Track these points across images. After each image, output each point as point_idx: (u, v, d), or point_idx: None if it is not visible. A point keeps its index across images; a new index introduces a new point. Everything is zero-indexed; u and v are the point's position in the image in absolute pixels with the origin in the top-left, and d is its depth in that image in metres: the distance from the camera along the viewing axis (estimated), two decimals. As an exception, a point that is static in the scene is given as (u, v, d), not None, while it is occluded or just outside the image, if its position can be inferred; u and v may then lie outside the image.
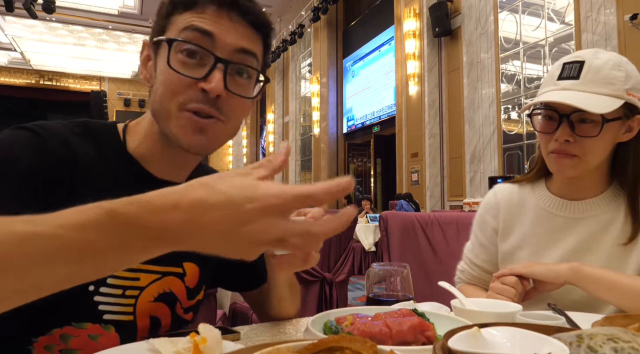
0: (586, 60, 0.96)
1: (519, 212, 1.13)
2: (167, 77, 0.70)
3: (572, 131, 0.96)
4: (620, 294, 0.86)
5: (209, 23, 0.70)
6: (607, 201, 1.04)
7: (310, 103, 12.75)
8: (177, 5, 0.72)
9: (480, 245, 1.19)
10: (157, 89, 0.72)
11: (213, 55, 0.69)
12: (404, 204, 6.70)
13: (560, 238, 1.06)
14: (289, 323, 0.91)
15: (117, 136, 0.79)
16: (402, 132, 8.51)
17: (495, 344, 0.53)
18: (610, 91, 0.93)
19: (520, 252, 1.09)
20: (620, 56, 0.99)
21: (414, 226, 1.79)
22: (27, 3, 9.54)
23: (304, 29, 11.91)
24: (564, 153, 0.98)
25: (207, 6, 0.70)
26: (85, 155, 0.72)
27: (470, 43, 7.26)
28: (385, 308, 0.75)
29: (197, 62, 0.70)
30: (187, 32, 0.69)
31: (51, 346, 0.70)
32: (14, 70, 17.04)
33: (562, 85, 0.97)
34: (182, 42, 0.69)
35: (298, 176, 13.88)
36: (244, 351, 0.46)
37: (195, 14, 0.70)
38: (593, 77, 0.94)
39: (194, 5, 0.70)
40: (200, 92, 0.69)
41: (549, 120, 1.00)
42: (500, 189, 1.20)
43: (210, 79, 0.69)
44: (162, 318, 0.81)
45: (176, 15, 0.72)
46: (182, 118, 0.70)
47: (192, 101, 0.70)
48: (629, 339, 0.47)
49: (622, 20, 4.96)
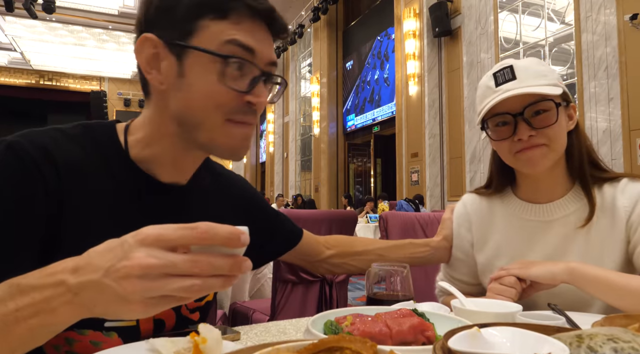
0: (513, 64, 1.01)
1: (491, 222, 1.14)
2: (211, 90, 0.69)
3: (530, 126, 0.98)
4: (618, 294, 0.86)
5: (248, 36, 0.69)
6: (573, 200, 1.06)
7: (310, 103, 12.76)
8: (205, 9, 0.68)
9: (456, 259, 1.20)
10: (190, 96, 0.70)
11: (257, 68, 0.71)
12: (403, 204, 6.70)
13: (535, 242, 1.07)
14: (289, 323, 0.91)
15: (116, 137, 0.77)
16: (402, 132, 8.51)
17: (495, 344, 0.53)
18: (547, 81, 0.99)
19: (498, 261, 1.10)
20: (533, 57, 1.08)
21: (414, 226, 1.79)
22: (27, 3, 9.54)
23: (304, 29, 11.92)
24: (532, 146, 0.99)
25: (243, 17, 0.69)
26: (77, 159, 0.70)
27: (470, 43, 7.26)
28: (385, 308, 0.75)
29: (239, 73, 0.70)
30: (230, 47, 0.68)
31: (58, 346, 0.70)
32: (14, 70, 17.05)
33: (504, 88, 1.00)
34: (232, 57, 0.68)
35: (298, 176, 13.88)
36: (244, 351, 0.46)
37: (231, 25, 0.69)
38: (527, 74, 0.99)
39: (228, 14, 0.68)
40: (245, 104, 0.71)
41: (504, 125, 1.02)
42: (469, 200, 1.21)
43: (258, 93, 0.71)
44: (167, 320, 0.79)
45: (206, 21, 0.68)
46: (228, 128, 0.71)
47: (237, 112, 0.71)
48: (629, 339, 0.47)
49: (622, 20, 4.96)
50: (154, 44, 0.70)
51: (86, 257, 0.47)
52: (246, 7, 0.69)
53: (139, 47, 0.70)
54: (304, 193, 12.94)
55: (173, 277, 0.44)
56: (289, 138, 14.49)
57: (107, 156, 0.74)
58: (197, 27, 0.68)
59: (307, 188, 13.09)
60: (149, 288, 0.43)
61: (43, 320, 0.47)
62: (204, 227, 0.44)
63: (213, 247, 0.44)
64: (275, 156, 15.58)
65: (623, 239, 1.00)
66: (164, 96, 0.71)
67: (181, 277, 0.44)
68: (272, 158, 15.79)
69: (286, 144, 14.72)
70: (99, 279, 0.44)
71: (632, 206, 1.00)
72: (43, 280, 0.47)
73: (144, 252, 0.43)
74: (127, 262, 0.43)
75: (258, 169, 18.65)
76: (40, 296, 0.46)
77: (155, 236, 0.44)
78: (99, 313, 0.46)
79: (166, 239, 0.44)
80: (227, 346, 0.59)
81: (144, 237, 0.44)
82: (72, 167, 0.69)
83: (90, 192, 0.70)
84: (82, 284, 0.45)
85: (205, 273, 0.44)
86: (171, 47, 0.69)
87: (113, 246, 0.46)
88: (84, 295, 0.45)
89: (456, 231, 1.21)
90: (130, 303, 0.44)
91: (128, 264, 0.43)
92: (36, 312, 0.46)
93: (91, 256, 0.46)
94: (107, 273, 0.44)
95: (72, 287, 0.45)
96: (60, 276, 0.46)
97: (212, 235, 0.44)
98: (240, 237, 0.44)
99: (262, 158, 17.89)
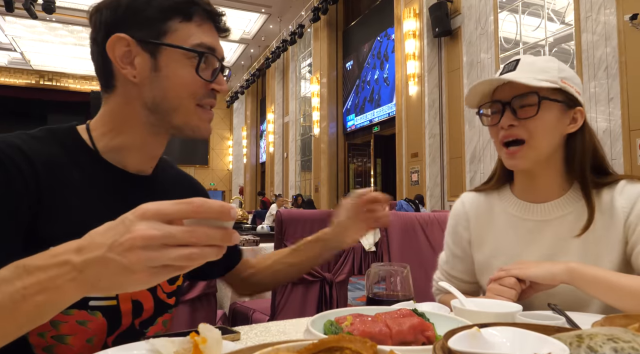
0: (522, 58, 1.05)
1: (489, 221, 1.15)
2: (185, 80, 0.81)
3: (514, 116, 1.02)
4: (617, 294, 0.87)
5: (208, 36, 0.83)
6: (570, 201, 1.06)
7: (310, 103, 12.76)
8: (173, 12, 0.80)
9: (455, 256, 1.21)
10: (166, 86, 0.81)
11: (219, 62, 0.85)
12: (403, 204, 6.70)
13: (532, 242, 1.07)
14: (289, 323, 0.91)
15: (79, 136, 0.84)
16: (402, 132, 8.51)
17: (495, 344, 0.53)
18: (545, 76, 1.00)
19: (495, 261, 1.10)
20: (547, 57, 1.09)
21: (414, 226, 1.79)
22: (27, 3, 9.54)
23: (304, 29, 11.91)
24: (511, 136, 1.03)
25: (203, 19, 0.83)
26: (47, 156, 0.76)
27: (470, 43, 7.26)
28: (385, 308, 0.75)
29: (206, 66, 0.83)
30: (202, 48, 0.82)
31: (43, 332, 0.74)
32: (14, 70, 17.06)
33: (499, 77, 1.04)
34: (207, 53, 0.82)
35: (298, 176, 13.88)
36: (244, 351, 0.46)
37: (196, 27, 0.82)
38: (529, 68, 1.02)
39: (192, 17, 0.82)
40: (210, 91, 0.84)
41: (495, 113, 1.07)
42: (467, 198, 1.21)
43: (220, 81, 0.86)
44: (144, 302, 0.85)
45: (175, 23, 0.80)
46: (199, 112, 0.84)
47: (205, 98, 0.84)
48: (629, 339, 0.47)
49: (622, 20, 4.96)
50: (126, 42, 0.79)
51: (88, 237, 0.50)
52: (204, 11, 0.83)
53: (111, 45, 0.79)
54: (304, 193, 12.94)
55: (172, 247, 0.47)
56: (289, 138, 14.49)
57: (74, 152, 0.81)
58: (168, 28, 0.80)
59: (307, 188, 13.09)
60: (151, 257, 0.47)
61: (49, 297, 0.50)
62: (198, 202, 0.48)
63: (205, 221, 0.48)
64: (275, 156, 15.58)
65: (621, 239, 1.00)
66: (136, 87, 0.81)
67: (180, 247, 0.47)
68: (272, 158, 15.79)
69: (286, 144, 14.72)
70: (103, 254, 0.48)
71: (630, 206, 1.00)
72: (48, 261, 0.50)
73: (144, 225, 0.47)
74: (129, 235, 0.47)
75: (258, 169, 18.65)
76: (45, 275, 0.49)
77: (154, 211, 0.48)
78: (103, 288, 0.50)
79: (164, 213, 0.48)
80: (227, 346, 0.59)
81: (144, 212, 0.48)
82: (44, 162, 0.75)
83: (63, 186, 0.76)
84: (86, 262, 0.48)
85: (201, 242, 0.48)
86: (144, 45, 0.79)
87: (113, 225, 0.49)
88: (88, 272, 0.48)
89: (454, 229, 1.21)
90: (135, 273, 0.47)
91: (131, 237, 0.47)
92: (42, 289, 0.49)
93: (93, 236, 0.50)
94: (111, 247, 0.47)
95: (77, 265, 0.49)
96: (64, 256, 0.49)
97: (206, 208, 0.48)
98: (230, 211, 0.48)
99: (262, 158, 17.89)
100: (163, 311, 0.89)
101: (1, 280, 0.50)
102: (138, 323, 0.84)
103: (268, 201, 11.98)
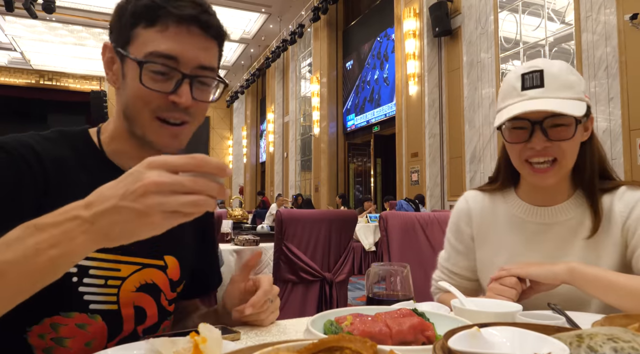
0: (544, 69, 0.99)
1: (493, 220, 1.15)
2: (138, 91, 0.77)
3: (546, 137, 0.98)
4: (618, 294, 0.87)
5: (170, 43, 0.76)
6: (574, 206, 1.06)
7: (310, 103, 12.75)
8: (139, 19, 0.77)
9: (457, 253, 1.20)
10: (128, 95, 0.79)
11: (180, 73, 0.77)
12: (403, 204, 6.70)
13: (534, 244, 1.08)
14: (289, 323, 0.91)
15: (90, 138, 0.85)
16: (402, 132, 8.51)
17: (495, 344, 0.53)
18: (573, 94, 0.98)
19: (497, 259, 1.11)
20: (565, 62, 1.04)
21: (414, 226, 1.80)
22: (27, 3, 9.53)
23: (304, 29, 11.90)
24: (543, 157, 0.99)
25: (169, 24, 0.76)
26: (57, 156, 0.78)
27: (470, 43, 7.26)
28: (385, 308, 0.75)
29: (164, 77, 0.77)
30: (153, 57, 0.75)
31: (43, 334, 0.74)
32: (14, 70, 17.04)
33: (529, 95, 0.99)
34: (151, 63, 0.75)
35: (298, 175, 13.88)
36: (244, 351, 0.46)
37: (158, 33, 0.76)
38: (556, 84, 0.98)
39: (155, 22, 0.76)
40: (170, 103, 0.78)
41: (520, 130, 1.01)
42: (470, 196, 1.21)
43: (180, 93, 0.77)
44: (147, 308, 0.85)
45: (139, 29, 0.77)
46: (155, 126, 0.79)
47: (162, 110, 0.78)
48: (629, 339, 0.47)
49: (622, 20, 4.96)
50: (109, 49, 0.81)
51: (96, 193, 0.53)
52: (170, 15, 0.76)
53: (102, 51, 0.82)
54: (304, 193, 12.94)
55: (181, 194, 0.51)
56: (289, 138, 14.48)
57: (83, 154, 0.82)
58: (133, 35, 0.77)
59: (307, 188, 13.09)
60: (164, 202, 0.50)
61: (62, 250, 0.51)
62: (200, 157, 0.52)
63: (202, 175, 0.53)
64: (275, 155, 15.57)
65: (619, 243, 1.01)
66: (118, 94, 0.82)
67: (187, 194, 0.51)
68: (272, 158, 15.78)
69: (286, 144, 14.71)
70: (115, 203, 0.50)
71: (629, 211, 1.00)
72: (58, 217, 0.52)
73: (155, 173, 0.50)
74: (141, 183, 0.50)
75: (258, 169, 18.65)
76: (57, 230, 0.51)
77: (162, 162, 0.52)
78: (116, 237, 0.52)
79: (170, 164, 0.51)
80: (227, 346, 0.60)
81: (151, 162, 0.52)
82: (53, 160, 0.77)
83: (70, 186, 0.76)
84: (97, 214, 0.51)
85: (204, 191, 0.52)
86: (116, 52, 0.80)
87: (121, 178, 0.52)
88: (100, 222, 0.51)
89: (456, 225, 1.21)
90: (150, 216, 0.50)
91: (143, 184, 0.50)
92: (56, 243, 0.51)
93: (101, 191, 0.53)
94: (124, 196, 0.50)
95: (88, 218, 0.51)
96: (74, 212, 0.52)
97: (207, 163, 0.52)
98: (225, 168, 0.53)
99: (262, 158, 17.89)
100: (164, 318, 0.90)
101: (12, 239, 0.52)
102: (141, 329, 0.84)
103: (268, 200, 11.98)
